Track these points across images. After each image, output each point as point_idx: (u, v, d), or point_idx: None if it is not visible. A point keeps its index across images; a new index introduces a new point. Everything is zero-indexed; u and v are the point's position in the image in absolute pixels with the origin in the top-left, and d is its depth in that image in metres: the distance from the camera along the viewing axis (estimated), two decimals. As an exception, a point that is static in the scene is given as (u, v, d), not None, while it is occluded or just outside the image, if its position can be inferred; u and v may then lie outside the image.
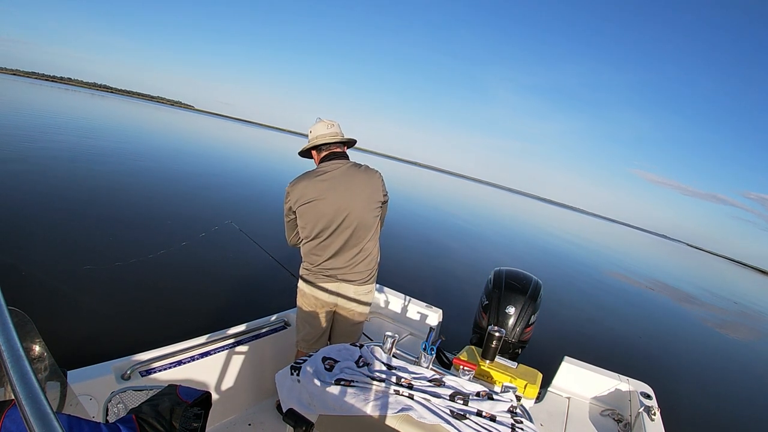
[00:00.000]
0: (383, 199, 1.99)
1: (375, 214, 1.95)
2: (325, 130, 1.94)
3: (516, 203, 71.69)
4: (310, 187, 1.87)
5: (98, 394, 1.36)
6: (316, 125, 1.97)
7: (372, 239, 1.97)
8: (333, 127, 1.96)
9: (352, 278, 1.95)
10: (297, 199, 1.88)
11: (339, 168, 1.90)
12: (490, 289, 2.80)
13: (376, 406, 1.21)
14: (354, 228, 1.89)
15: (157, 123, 43.63)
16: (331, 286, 1.95)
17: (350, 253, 1.92)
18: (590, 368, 2.46)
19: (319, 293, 1.95)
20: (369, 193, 1.92)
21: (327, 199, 1.85)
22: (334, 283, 1.95)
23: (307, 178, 1.91)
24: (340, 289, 1.96)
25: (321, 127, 1.96)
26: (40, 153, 10.86)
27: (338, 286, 1.95)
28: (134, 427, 0.66)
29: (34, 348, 0.71)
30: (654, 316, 10.11)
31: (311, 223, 1.89)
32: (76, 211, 6.60)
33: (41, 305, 3.55)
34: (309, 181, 1.88)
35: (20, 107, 25.40)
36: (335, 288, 1.95)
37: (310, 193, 1.86)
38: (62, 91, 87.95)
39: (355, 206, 1.87)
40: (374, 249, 2.00)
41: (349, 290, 1.96)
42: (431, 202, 26.41)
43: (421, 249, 9.70)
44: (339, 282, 1.94)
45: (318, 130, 1.95)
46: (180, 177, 12.22)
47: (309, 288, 1.97)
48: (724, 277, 40.93)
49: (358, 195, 1.88)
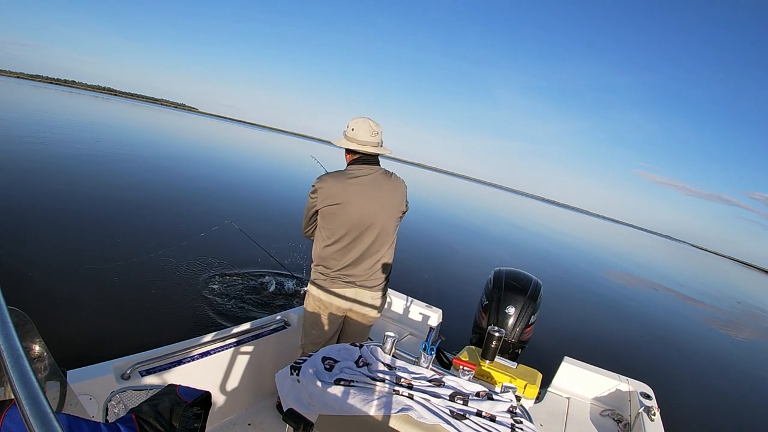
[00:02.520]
0: (405, 209, 1.98)
1: (396, 224, 1.94)
2: (368, 137, 1.84)
3: (518, 204, 71.72)
4: (340, 189, 1.81)
5: (98, 393, 1.35)
6: (359, 123, 1.86)
7: (390, 247, 1.96)
8: (377, 135, 1.86)
9: (370, 284, 1.93)
10: (324, 197, 1.83)
11: (371, 174, 1.86)
12: (490, 289, 2.80)
13: (376, 406, 1.21)
14: (377, 235, 1.87)
15: (160, 125, 43.67)
16: (349, 292, 1.92)
17: (370, 261, 1.90)
18: (590, 368, 2.46)
19: (333, 299, 1.91)
20: (395, 203, 1.90)
21: (355, 203, 1.81)
22: (352, 289, 1.91)
23: (337, 178, 1.84)
24: (357, 295, 1.93)
25: (365, 130, 1.84)
26: (41, 154, 10.87)
27: (356, 292, 1.92)
28: (134, 427, 0.66)
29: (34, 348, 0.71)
30: (654, 316, 10.11)
31: (334, 227, 1.84)
32: (76, 211, 6.60)
33: (41, 305, 3.55)
34: (340, 182, 1.83)
35: (24, 110, 25.45)
36: (352, 294, 1.92)
37: (339, 195, 1.81)
38: (66, 93, 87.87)
39: (381, 214, 1.86)
40: (391, 257, 1.99)
41: (366, 296, 1.95)
42: (431, 202, 26.41)
43: (422, 249, 9.70)
44: (357, 288, 1.92)
45: (361, 134, 1.84)
46: (180, 177, 12.22)
47: (322, 293, 1.92)
48: (728, 277, 40.92)
49: (384, 203, 1.87)
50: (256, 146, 45.02)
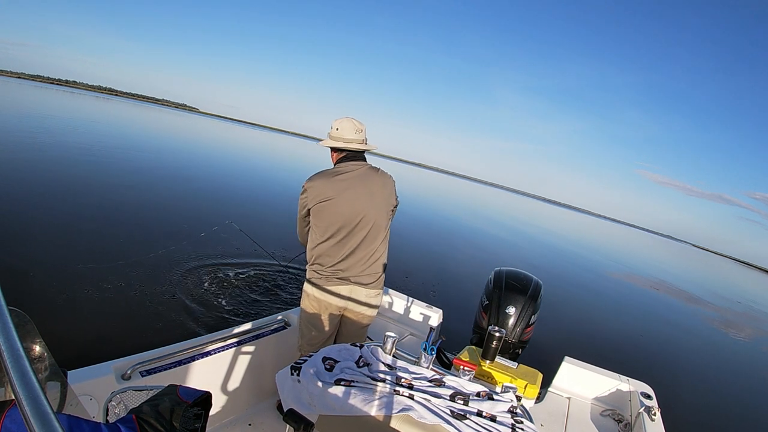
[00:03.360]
0: (395, 203, 2.00)
1: (388, 218, 1.96)
2: (353, 135, 1.89)
3: (518, 204, 71.68)
4: (329, 186, 1.85)
5: (98, 394, 1.35)
6: (343, 123, 1.91)
7: (383, 242, 1.97)
8: (361, 133, 1.91)
9: (365, 281, 1.94)
10: (315, 195, 1.85)
11: (358, 170, 1.89)
12: (490, 289, 2.80)
13: (377, 406, 1.21)
14: (369, 230, 1.89)
15: (161, 125, 43.70)
16: (344, 289, 1.92)
17: (364, 255, 1.91)
18: (590, 368, 2.46)
19: (329, 297, 1.92)
20: (385, 197, 1.92)
21: (344, 198, 1.84)
22: (347, 286, 1.92)
23: (325, 176, 1.88)
24: (352, 292, 1.94)
25: (349, 128, 1.89)
26: (41, 154, 10.87)
27: (350, 289, 1.93)
28: (134, 427, 0.66)
29: (34, 348, 0.71)
30: (654, 316, 10.11)
31: (327, 222, 1.86)
32: (76, 210, 6.60)
33: (41, 305, 3.55)
34: (328, 179, 1.86)
35: (24, 110, 25.45)
36: (347, 292, 1.93)
37: (328, 191, 1.84)
38: (67, 94, 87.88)
39: (372, 208, 1.88)
40: (384, 252, 2.00)
41: (361, 294, 1.95)
42: (432, 202, 26.42)
43: (422, 249, 9.71)
44: (352, 285, 1.92)
45: (346, 132, 1.89)
46: (181, 177, 12.23)
47: (318, 291, 1.93)
48: (728, 277, 40.88)
49: (374, 197, 1.89)
50: (257, 146, 45.05)
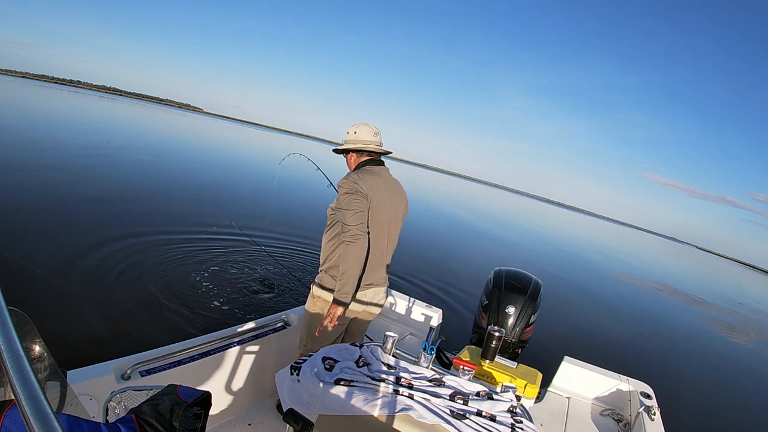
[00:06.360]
0: None
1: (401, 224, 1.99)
2: (372, 137, 1.91)
3: (519, 204, 71.66)
4: (376, 189, 1.79)
5: (98, 394, 1.36)
6: (360, 127, 1.92)
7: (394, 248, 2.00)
8: (378, 136, 1.93)
9: (382, 283, 1.96)
10: (370, 198, 1.77)
11: (386, 174, 1.90)
12: (490, 289, 2.80)
13: (376, 406, 1.21)
14: (391, 238, 1.90)
15: (165, 125, 43.65)
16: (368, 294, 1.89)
17: (386, 261, 1.92)
18: (590, 368, 2.46)
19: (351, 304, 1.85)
20: (405, 204, 1.96)
21: (385, 206, 1.82)
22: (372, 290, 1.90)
23: (370, 177, 1.80)
24: (374, 297, 1.93)
25: (367, 132, 1.91)
26: (42, 153, 10.86)
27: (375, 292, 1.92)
28: (134, 427, 0.66)
29: (34, 348, 0.71)
30: (654, 316, 10.10)
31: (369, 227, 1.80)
32: (76, 210, 6.60)
33: (41, 305, 3.54)
34: (374, 181, 1.80)
35: (29, 109, 25.44)
36: (371, 296, 1.91)
37: (376, 194, 1.79)
38: (72, 93, 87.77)
39: (398, 217, 1.90)
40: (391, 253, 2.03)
41: (380, 295, 1.97)
42: (433, 202, 26.41)
43: (422, 249, 9.70)
44: (375, 288, 1.91)
45: (364, 135, 1.90)
46: (181, 178, 12.22)
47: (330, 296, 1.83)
48: (730, 279, 40.83)
49: (400, 206, 1.91)
50: (259, 146, 45.00)
